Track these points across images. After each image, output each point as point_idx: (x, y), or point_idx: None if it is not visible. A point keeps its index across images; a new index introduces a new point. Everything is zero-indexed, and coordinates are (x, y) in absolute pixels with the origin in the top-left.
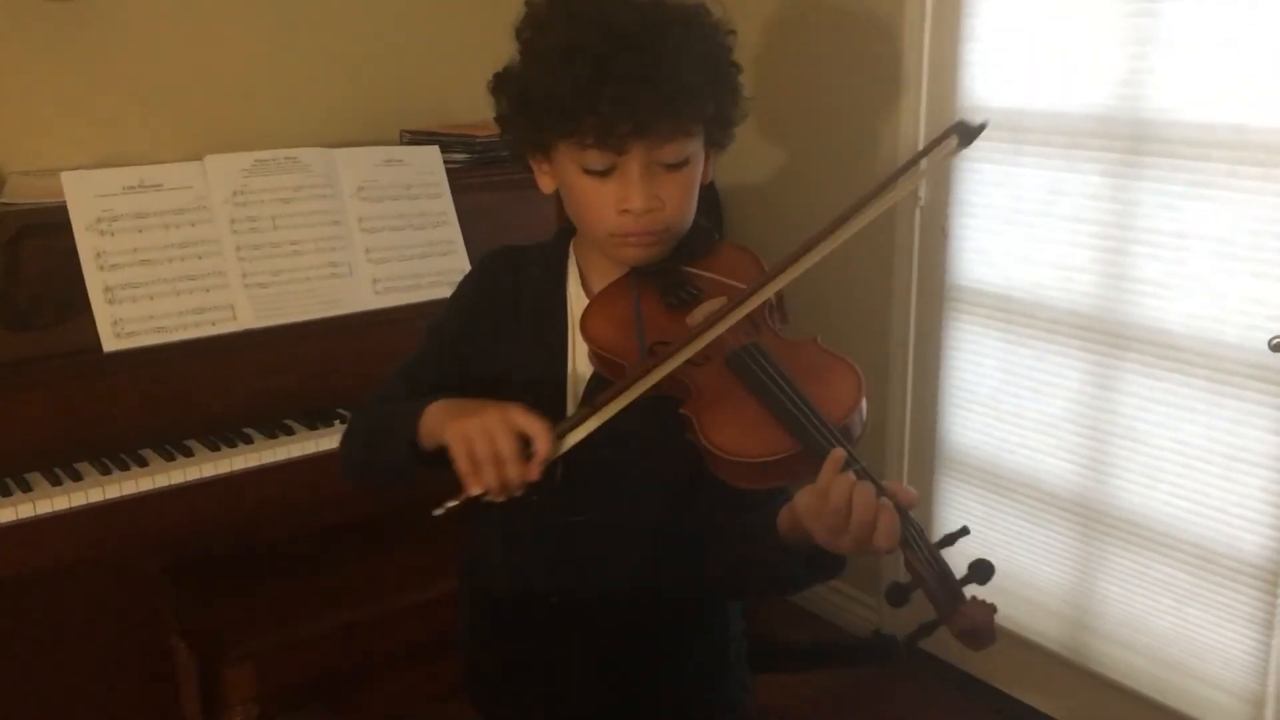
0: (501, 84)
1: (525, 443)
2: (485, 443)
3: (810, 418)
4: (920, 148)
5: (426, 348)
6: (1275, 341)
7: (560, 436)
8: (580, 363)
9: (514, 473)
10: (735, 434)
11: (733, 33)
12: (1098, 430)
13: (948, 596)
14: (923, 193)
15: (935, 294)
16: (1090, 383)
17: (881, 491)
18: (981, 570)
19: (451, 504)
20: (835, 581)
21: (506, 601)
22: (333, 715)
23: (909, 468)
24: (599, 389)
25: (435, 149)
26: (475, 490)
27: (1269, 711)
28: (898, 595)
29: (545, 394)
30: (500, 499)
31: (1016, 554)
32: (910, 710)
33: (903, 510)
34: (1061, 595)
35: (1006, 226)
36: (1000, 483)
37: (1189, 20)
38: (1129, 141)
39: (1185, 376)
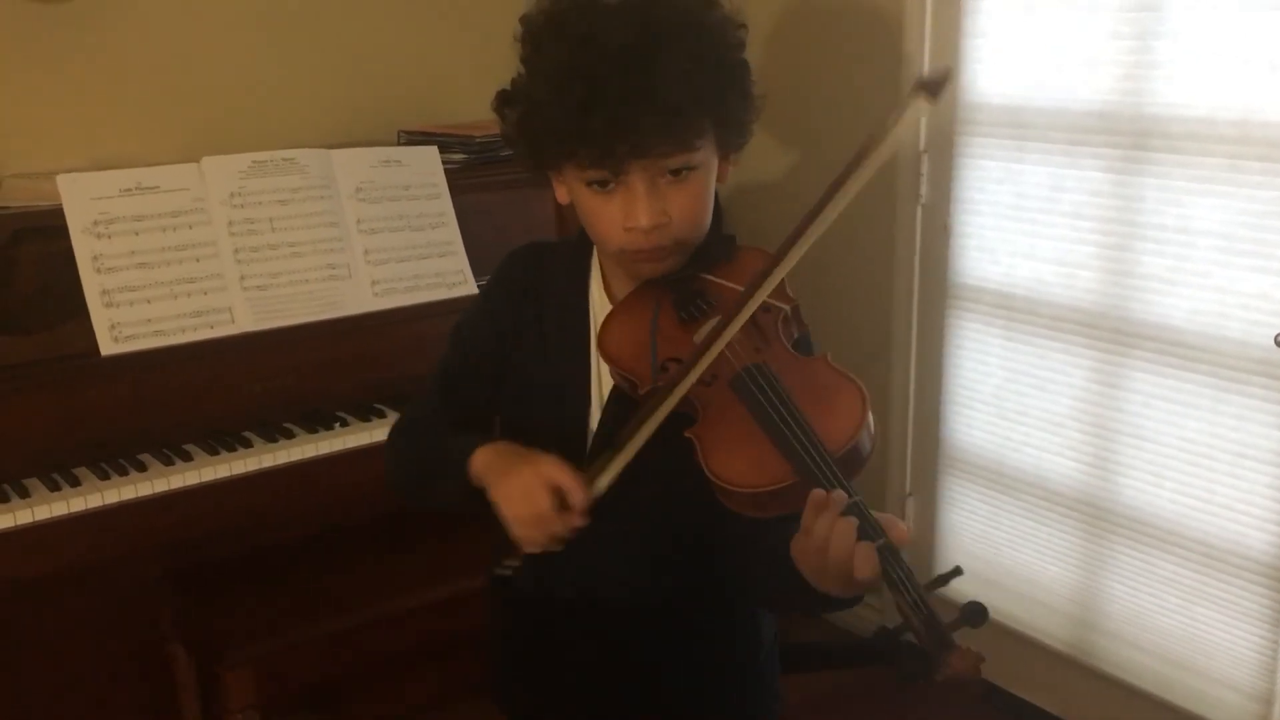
0: (504, 103)
1: (562, 495)
2: (527, 505)
3: (809, 449)
4: (921, 146)
5: (455, 356)
6: None
7: (591, 482)
8: (605, 369)
9: (558, 527)
10: (733, 462)
11: (743, 26)
12: (1102, 428)
13: (935, 643)
14: (924, 190)
15: (937, 291)
16: (1094, 380)
17: (870, 529)
18: (974, 613)
19: (513, 563)
20: None
21: (528, 600)
22: None
23: (912, 467)
24: (619, 422)
25: (433, 149)
26: (531, 550)
27: (1278, 709)
28: (886, 641)
29: (571, 402)
30: (558, 549)
31: (1021, 553)
32: (916, 710)
33: (892, 549)
34: (1067, 594)
35: (1009, 223)
36: (1004, 481)
37: (1190, 15)
38: (1131, 137)
39: (1190, 373)
